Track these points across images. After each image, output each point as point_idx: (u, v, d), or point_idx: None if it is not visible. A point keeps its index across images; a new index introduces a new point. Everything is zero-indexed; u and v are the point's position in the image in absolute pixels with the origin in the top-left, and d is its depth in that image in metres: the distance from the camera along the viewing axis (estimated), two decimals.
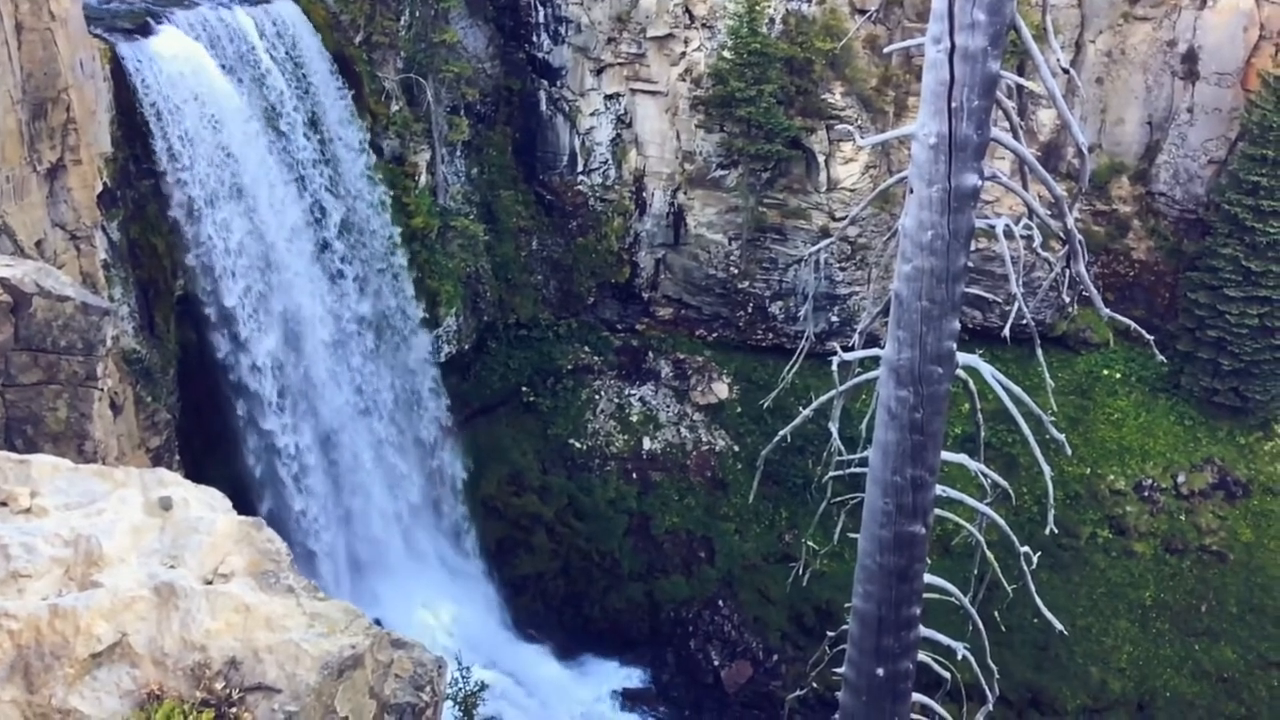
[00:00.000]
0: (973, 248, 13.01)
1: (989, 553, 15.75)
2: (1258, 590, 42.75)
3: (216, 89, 30.25)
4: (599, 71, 45.50)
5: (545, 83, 46.03)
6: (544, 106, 46.34)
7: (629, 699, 42.83)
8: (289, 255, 33.46)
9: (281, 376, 33.31)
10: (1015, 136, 12.84)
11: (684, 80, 44.72)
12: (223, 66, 30.68)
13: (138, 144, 29.09)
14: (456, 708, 26.97)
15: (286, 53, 33.38)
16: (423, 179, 41.47)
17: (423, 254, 40.49)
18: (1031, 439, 14.70)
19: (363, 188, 36.68)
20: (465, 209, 44.10)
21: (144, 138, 28.89)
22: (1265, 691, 41.33)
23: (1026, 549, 15.29)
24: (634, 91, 45.61)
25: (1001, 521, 15.33)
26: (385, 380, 38.84)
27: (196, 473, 26.09)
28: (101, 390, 19.39)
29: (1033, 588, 15.38)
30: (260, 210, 31.86)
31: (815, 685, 20.16)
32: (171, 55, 29.11)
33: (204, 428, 32.86)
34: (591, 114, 46.11)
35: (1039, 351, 15.11)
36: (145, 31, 29.28)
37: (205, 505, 9.54)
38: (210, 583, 8.78)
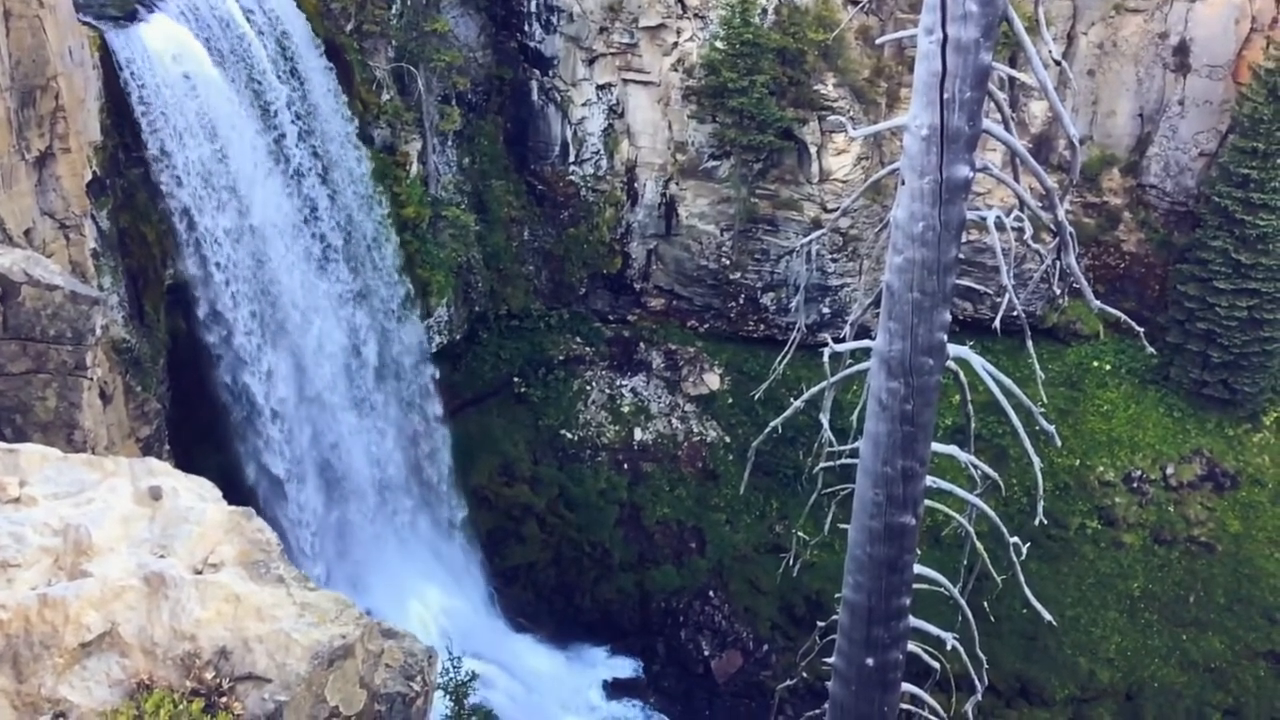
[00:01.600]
0: (964, 239, 13.04)
1: (979, 543, 15.81)
2: (1245, 581, 43.00)
3: (206, 77, 30.11)
4: (591, 61, 45.39)
5: (537, 72, 45.92)
6: (536, 96, 46.23)
7: (619, 689, 42.95)
8: (279, 243, 33.34)
9: (274, 364, 33.24)
10: (1007, 128, 12.85)
11: (676, 70, 44.64)
12: (212, 54, 30.53)
13: (127, 132, 28.95)
14: (447, 697, 27.03)
15: (276, 41, 33.23)
16: (414, 169, 41.36)
17: (414, 244, 40.40)
18: (1021, 430, 14.75)
19: (353, 173, 36.55)
20: (456, 199, 44.00)
21: (133, 126, 28.74)
22: (1252, 681, 41.59)
23: (1016, 540, 15.35)
24: (626, 81, 45.51)
25: (991, 512, 15.38)
26: (380, 374, 38.78)
27: (186, 463, 25.99)
28: (91, 379, 19.34)
29: (1022, 578, 15.45)
30: (249, 195, 31.73)
31: (805, 675, 20.21)
32: (161, 43, 28.96)
33: (194, 418, 32.78)
34: (583, 104, 46.01)
35: (1029, 343, 15.15)
36: (134, 19, 29.12)
37: (195, 495, 9.53)
38: (200, 572, 8.77)
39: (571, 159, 46.96)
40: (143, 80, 28.26)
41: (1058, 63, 13.11)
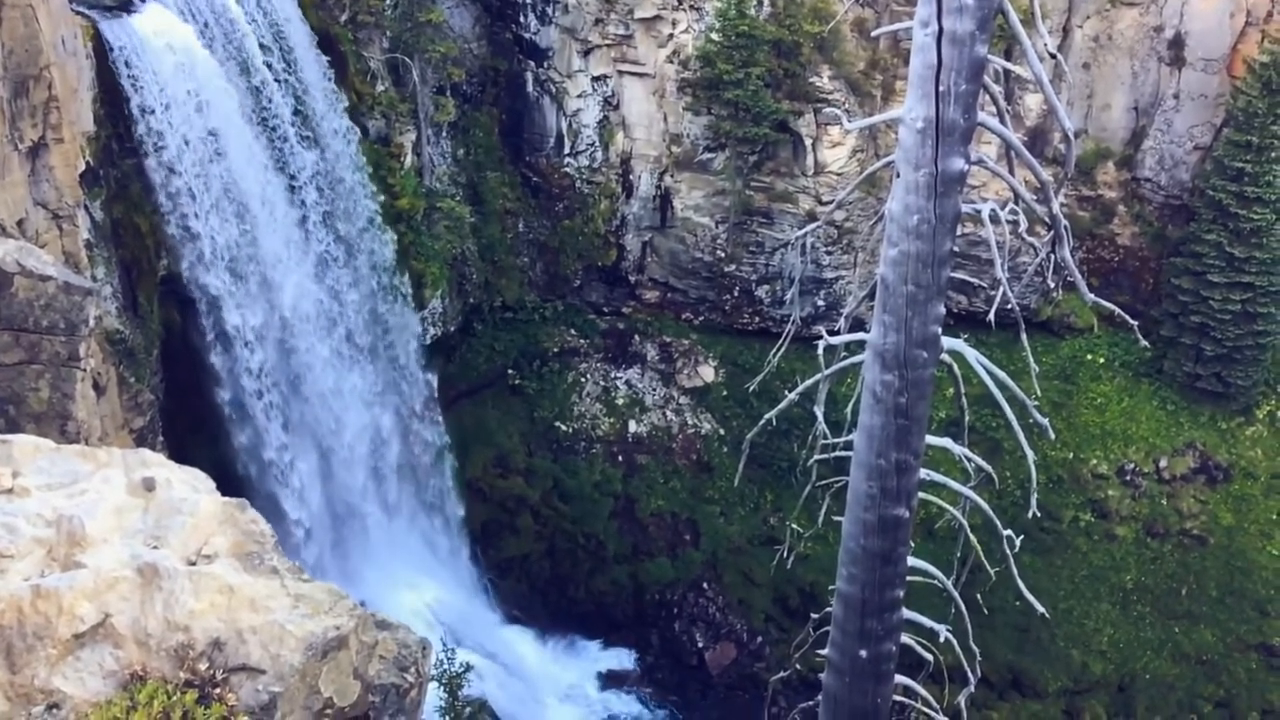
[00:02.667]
0: (959, 232, 13.04)
1: (972, 536, 15.85)
2: (1237, 574, 43.16)
3: (200, 67, 30.00)
4: (586, 53, 45.30)
5: (532, 64, 45.82)
6: (531, 88, 46.13)
7: (613, 680, 43.03)
8: (274, 232, 33.27)
9: (263, 351, 33.16)
10: (1002, 121, 12.85)
11: (671, 62, 44.57)
12: (206, 44, 30.43)
13: (120, 123, 28.84)
14: (441, 689, 27.05)
15: (270, 31, 33.12)
16: (408, 160, 41.27)
17: (408, 235, 40.33)
18: (1015, 423, 14.77)
19: (348, 168, 36.47)
20: (451, 190, 43.92)
21: (127, 116, 28.64)
22: (1244, 674, 41.78)
23: (1009, 532, 15.38)
24: (621, 73, 45.44)
25: (985, 505, 15.42)
26: (371, 358, 38.73)
27: (180, 454, 25.97)
28: (84, 370, 19.31)
29: (1015, 571, 15.49)
30: (244, 186, 31.65)
31: (799, 667, 20.27)
32: (154, 33, 28.83)
33: (187, 409, 32.72)
34: (578, 95, 45.93)
35: (1023, 336, 15.18)
36: (128, 8, 29.00)
37: (189, 486, 9.52)
38: (194, 564, 8.77)
39: (566, 151, 46.89)
40: (136, 71, 28.15)
41: (1053, 56, 13.10)
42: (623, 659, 43.73)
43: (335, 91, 35.87)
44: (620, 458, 46.44)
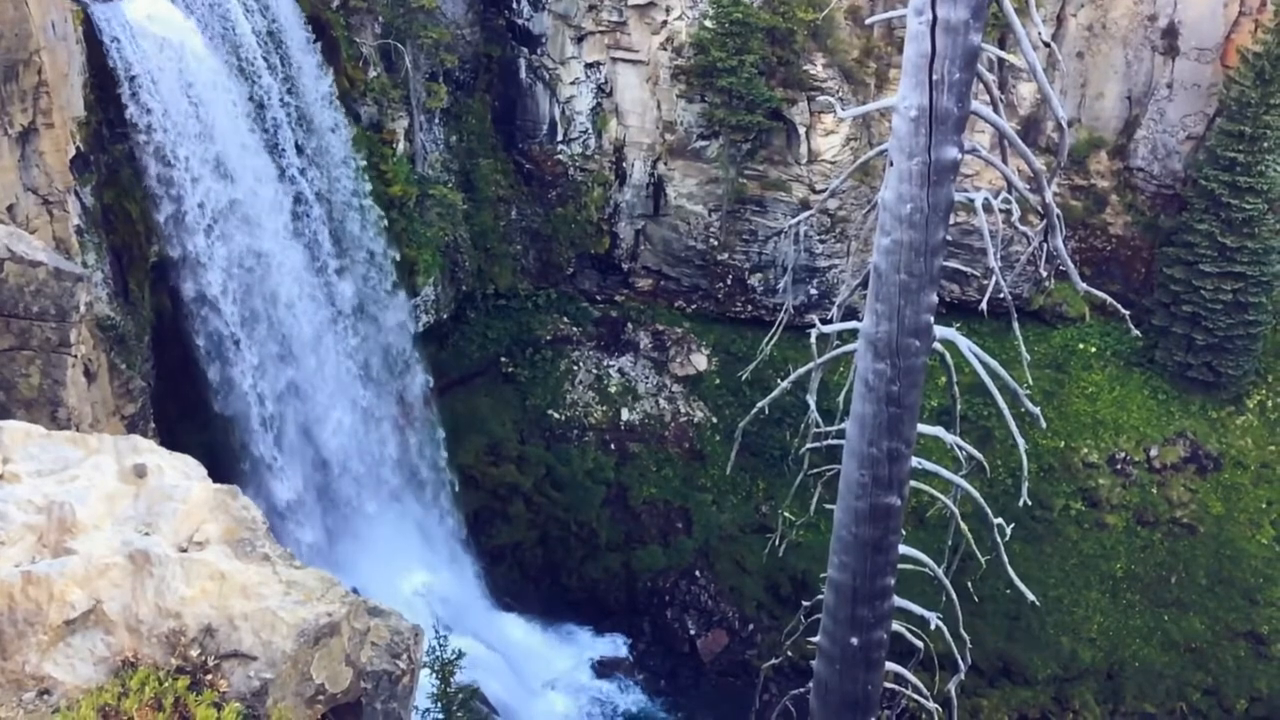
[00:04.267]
0: (951, 221, 13.04)
1: (963, 524, 15.90)
2: (1227, 562, 43.37)
3: (191, 51, 29.84)
4: (579, 39, 45.15)
5: (525, 50, 45.66)
6: (524, 74, 45.98)
7: (606, 667, 43.13)
8: (264, 219, 33.15)
9: (253, 334, 33.09)
10: (995, 110, 12.85)
11: (665, 49, 44.44)
12: (197, 27, 30.27)
13: (111, 108, 28.70)
14: (433, 675, 27.09)
15: (261, 14, 32.94)
16: (400, 146, 41.13)
17: (400, 222, 40.21)
18: (1007, 412, 14.82)
19: (339, 156, 36.34)
20: (444, 177, 43.80)
21: (117, 101, 28.49)
22: (1232, 661, 42.01)
23: (1000, 521, 15.44)
24: (615, 60, 45.30)
25: (976, 493, 15.47)
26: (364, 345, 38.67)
27: (171, 440, 25.91)
28: (75, 357, 19.25)
29: (1005, 559, 15.56)
30: (234, 170, 31.53)
31: (790, 654, 20.37)
32: (145, 17, 28.67)
33: (179, 395, 32.65)
34: (572, 82, 45.80)
35: (1015, 325, 15.21)
36: None
37: (180, 473, 9.50)
38: (185, 550, 8.75)
39: (559, 138, 46.78)
40: (127, 55, 28.00)
41: (1046, 45, 13.09)
42: (615, 646, 43.84)
43: (325, 76, 35.74)
44: (613, 446, 46.47)
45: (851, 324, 14.27)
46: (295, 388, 35.64)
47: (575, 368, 47.54)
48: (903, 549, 15.15)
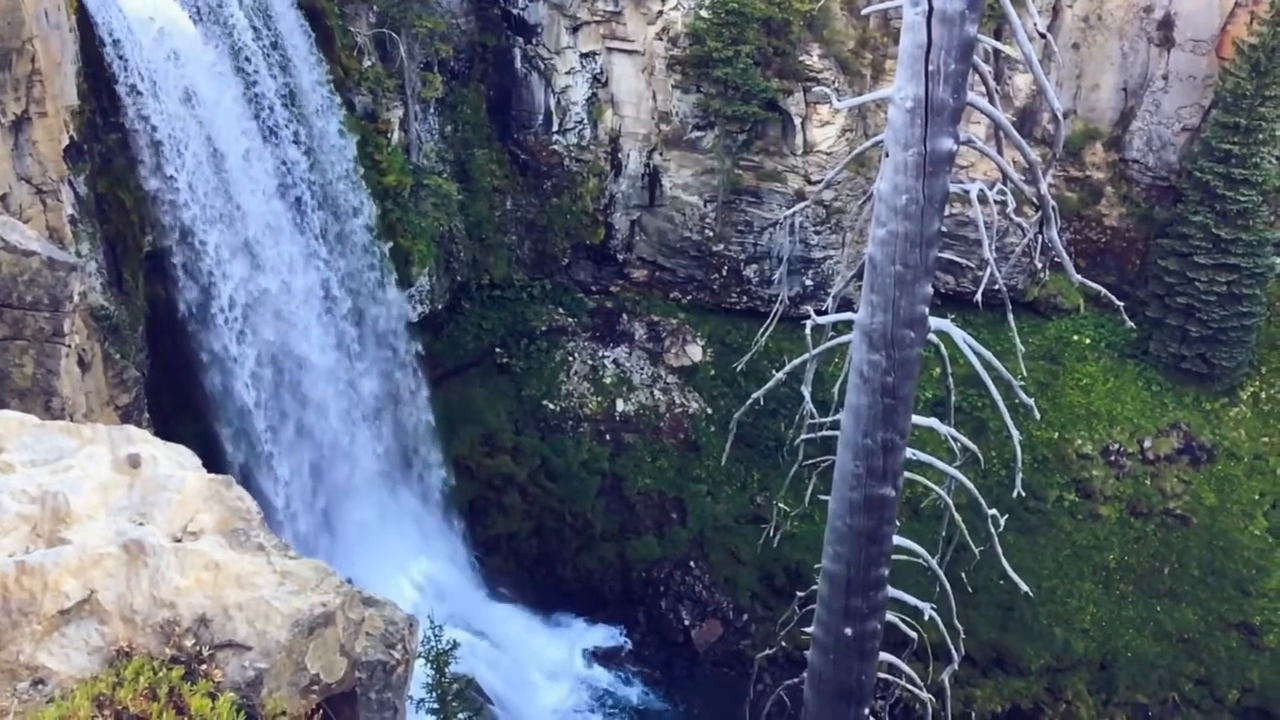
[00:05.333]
0: (946, 213, 13.04)
1: (957, 515, 15.94)
2: (1219, 553, 43.52)
3: (185, 40, 29.73)
4: (575, 29, 45.02)
5: (520, 40, 45.53)
6: (519, 64, 45.86)
7: (600, 658, 43.21)
8: (259, 211, 33.07)
9: (250, 335, 33.03)
10: (991, 101, 12.84)
11: (661, 39, 44.34)
12: (192, 16, 30.14)
13: (105, 97, 28.59)
14: (428, 665, 27.10)
15: (256, 4, 32.81)
16: (395, 136, 41.03)
17: (395, 212, 40.13)
18: (1001, 403, 14.84)
19: (333, 143, 36.24)
20: (439, 167, 43.69)
21: (111, 90, 28.38)
22: (1224, 652, 42.19)
23: (994, 511, 15.48)
24: (610, 50, 45.19)
25: (970, 485, 15.50)
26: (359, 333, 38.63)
27: (165, 431, 25.89)
28: (69, 347, 19.22)
29: (999, 550, 15.59)
30: (228, 159, 31.44)
31: (784, 644, 20.39)
32: (139, 6, 28.54)
33: (173, 386, 32.60)
34: (567, 72, 45.69)
35: (1010, 317, 15.23)
36: None
37: (174, 463, 9.48)
38: (179, 540, 8.75)
39: (555, 128, 46.68)
40: (120, 43, 27.88)
41: (1042, 36, 13.08)
42: (610, 636, 43.93)
43: (321, 65, 35.62)
44: (608, 436, 46.49)
45: (847, 315, 14.27)
46: (290, 378, 35.59)
47: (570, 358, 47.53)
48: (897, 540, 15.19)
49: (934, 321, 13.65)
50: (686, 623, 43.81)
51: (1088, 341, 46.82)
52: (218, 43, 31.22)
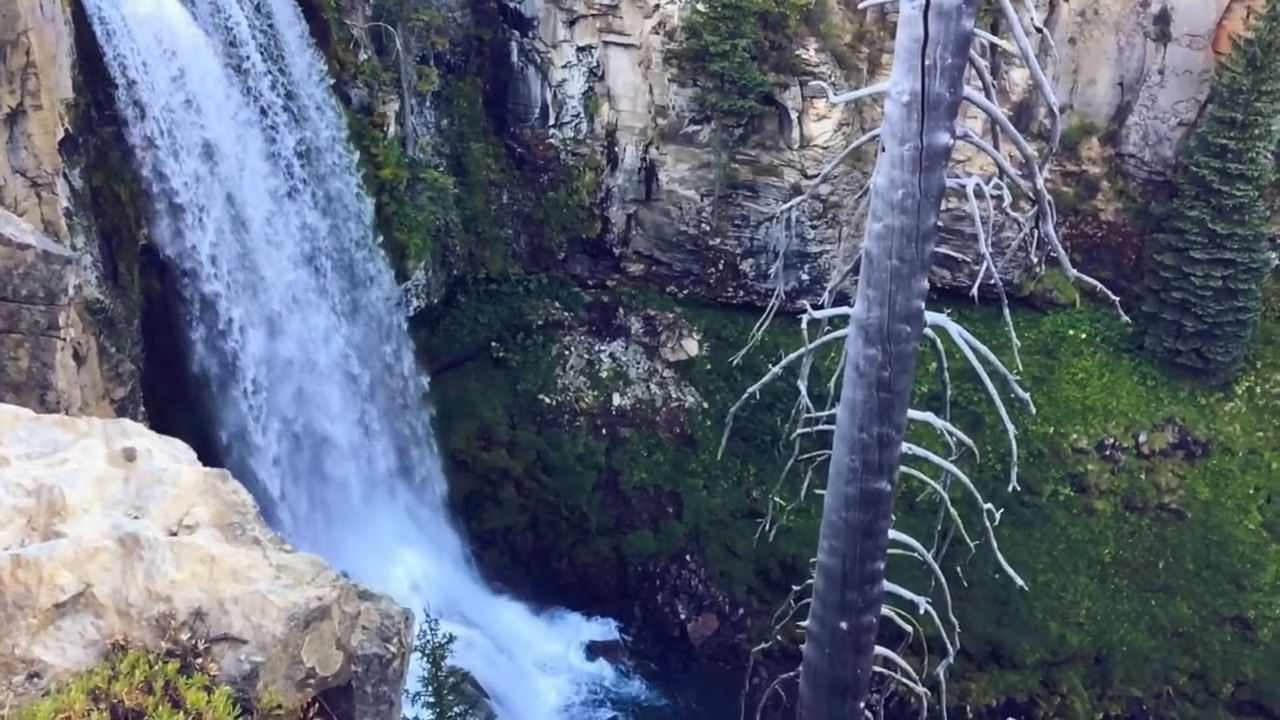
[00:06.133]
0: (943, 207, 13.03)
1: (952, 509, 15.95)
2: (1214, 548, 43.62)
3: (180, 33, 29.65)
4: (571, 23, 44.95)
5: (517, 33, 45.44)
6: (515, 58, 45.78)
7: (596, 651, 43.27)
8: (254, 199, 33.00)
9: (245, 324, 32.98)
10: (988, 95, 12.83)
11: (657, 33, 44.28)
12: (187, 8, 30.06)
13: (100, 90, 28.51)
14: (424, 659, 27.12)
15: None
16: (391, 130, 40.96)
17: (391, 206, 40.07)
18: (997, 398, 14.84)
19: (326, 128, 36.16)
20: (435, 161, 43.63)
21: (106, 83, 28.30)
22: (1219, 646, 42.31)
23: (989, 506, 15.49)
24: (607, 44, 45.12)
25: (965, 479, 15.50)
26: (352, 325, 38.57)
27: (161, 424, 25.87)
28: (64, 340, 19.19)
29: (995, 544, 15.60)
30: (223, 150, 31.37)
31: (780, 638, 20.41)
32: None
33: (169, 379, 32.56)
34: (563, 66, 45.61)
35: (1006, 311, 15.22)
36: None
37: (170, 456, 9.47)
38: (175, 534, 8.74)
39: (551, 122, 46.61)
40: (115, 36, 27.79)
41: (1039, 30, 13.07)
42: (605, 630, 43.98)
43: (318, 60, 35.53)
44: (604, 430, 46.50)
45: (843, 309, 14.26)
46: (285, 373, 35.55)
47: (566, 353, 47.52)
48: (892, 534, 15.20)
49: (930, 316, 13.65)
50: (682, 617, 43.87)
51: (1083, 336, 46.87)
52: (213, 36, 31.13)
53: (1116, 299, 15.08)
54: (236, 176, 32.07)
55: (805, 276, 46.93)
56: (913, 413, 14.57)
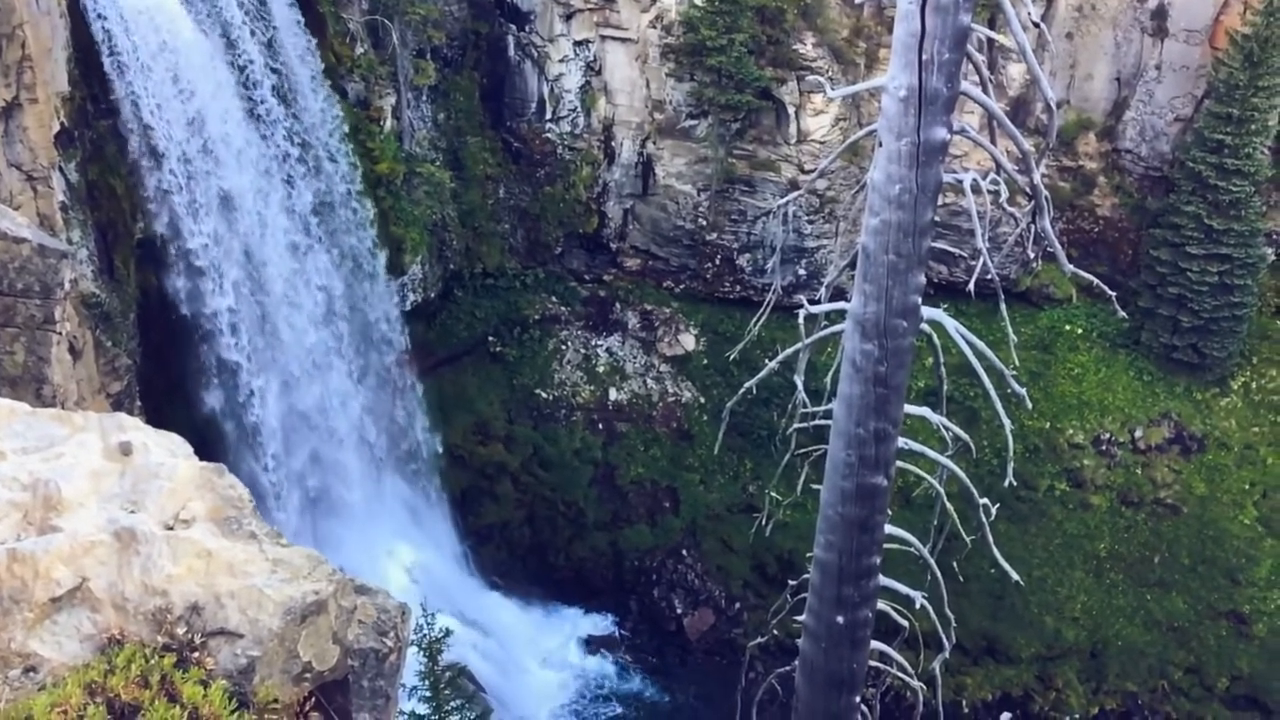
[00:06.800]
0: (940, 202, 13.03)
1: (949, 504, 15.97)
2: (1209, 543, 43.71)
3: (176, 26, 29.57)
4: (568, 17, 44.88)
5: (514, 27, 45.36)
6: (512, 52, 45.70)
7: (593, 646, 43.32)
8: (251, 196, 32.95)
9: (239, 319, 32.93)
10: (985, 91, 12.82)
11: (654, 27, 44.21)
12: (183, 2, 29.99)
13: (96, 83, 28.44)
14: (421, 654, 27.13)
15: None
16: (388, 124, 40.89)
17: (388, 200, 40.02)
18: (993, 393, 14.86)
19: (324, 125, 36.11)
20: (431, 155, 43.57)
21: (102, 77, 28.23)
22: (1213, 641, 42.41)
23: (985, 501, 15.51)
24: (604, 38, 45.05)
25: (962, 474, 15.52)
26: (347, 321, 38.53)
27: (157, 419, 25.82)
28: (60, 334, 19.16)
29: (990, 539, 15.62)
30: (218, 144, 31.32)
31: (776, 633, 20.43)
32: None
33: (165, 373, 32.52)
34: (560, 60, 45.54)
35: (1002, 306, 15.22)
36: None
37: (166, 451, 9.46)
38: (171, 528, 8.73)
39: (548, 116, 46.54)
40: (111, 30, 27.71)
41: (1036, 25, 13.07)
42: (602, 625, 44.03)
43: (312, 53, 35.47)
44: (600, 425, 46.50)
45: (839, 304, 14.26)
46: (282, 367, 35.51)
47: (563, 347, 47.50)
48: (888, 529, 15.21)
49: (927, 311, 13.66)
50: (679, 611, 43.91)
51: (1080, 331, 46.91)
52: (210, 30, 31.04)
53: (1113, 294, 15.09)
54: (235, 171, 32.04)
55: (802, 271, 46.93)
56: (909, 408, 14.58)
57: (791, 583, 17.27)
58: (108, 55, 27.74)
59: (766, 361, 16.31)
